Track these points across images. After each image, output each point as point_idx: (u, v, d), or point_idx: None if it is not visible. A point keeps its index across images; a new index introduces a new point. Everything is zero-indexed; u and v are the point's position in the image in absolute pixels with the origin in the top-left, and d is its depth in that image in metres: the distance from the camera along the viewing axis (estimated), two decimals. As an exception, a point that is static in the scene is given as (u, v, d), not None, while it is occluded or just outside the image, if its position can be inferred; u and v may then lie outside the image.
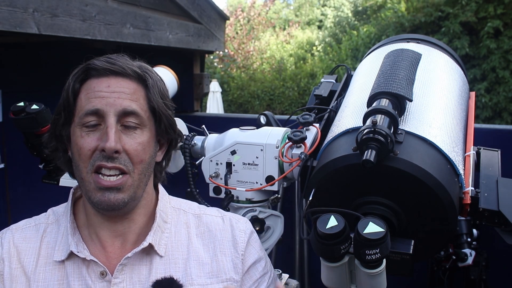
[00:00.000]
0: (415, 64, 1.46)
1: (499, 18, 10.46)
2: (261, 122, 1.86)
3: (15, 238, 1.09)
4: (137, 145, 1.03)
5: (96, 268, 1.05)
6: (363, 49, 12.52)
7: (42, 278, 1.05)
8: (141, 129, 1.05)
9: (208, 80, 4.13)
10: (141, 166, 1.05)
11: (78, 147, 1.02)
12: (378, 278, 1.11)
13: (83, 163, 1.02)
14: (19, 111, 1.57)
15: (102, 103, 1.01)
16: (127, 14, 2.90)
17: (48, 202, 1.17)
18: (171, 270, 1.08)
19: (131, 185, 1.03)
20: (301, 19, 20.46)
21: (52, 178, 1.75)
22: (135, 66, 1.07)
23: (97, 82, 1.04)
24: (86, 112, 1.02)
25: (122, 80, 1.05)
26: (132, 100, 1.04)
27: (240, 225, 1.19)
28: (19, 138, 1.65)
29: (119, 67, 1.04)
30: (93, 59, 1.06)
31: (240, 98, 13.60)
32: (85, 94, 1.04)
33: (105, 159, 1.00)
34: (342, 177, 1.30)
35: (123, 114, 1.02)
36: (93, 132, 1.02)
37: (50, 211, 1.15)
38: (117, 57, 1.07)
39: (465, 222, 2.20)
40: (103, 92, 1.02)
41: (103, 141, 1.00)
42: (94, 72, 1.04)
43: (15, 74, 3.33)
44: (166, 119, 1.10)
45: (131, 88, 1.05)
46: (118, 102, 1.02)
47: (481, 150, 1.65)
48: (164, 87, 1.12)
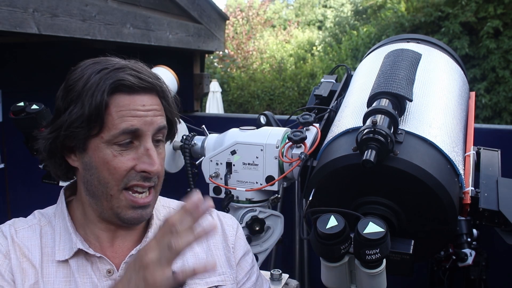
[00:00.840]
0: (415, 64, 1.46)
1: (499, 18, 10.46)
2: (261, 122, 1.86)
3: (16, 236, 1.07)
4: (162, 161, 1.06)
5: (101, 266, 1.05)
6: (363, 49, 12.52)
7: (47, 273, 1.04)
8: (163, 143, 1.08)
9: (208, 80, 4.13)
10: (162, 179, 1.08)
11: (110, 166, 1.00)
12: (378, 278, 1.11)
13: (115, 181, 1.01)
14: (19, 111, 1.57)
15: (140, 122, 1.00)
16: (127, 14, 2.90)
17: (48, 202, 1.17)
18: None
19: (154, 197, 1.07)
20: (301, 19, 20.46)
21: (52, 178, 1.75)
22: (155, 78, 1.06)
23: (131, 100, 1.00)
24: (124, 131, 0.99)
25: (151, 96, 1.04)
26: (162, 116, 1.05)
27: (228, 221, 1.22)
28: (19, 138, 1.65)
29: (149, 83, 1.03)
30: (122, 72, 1.00)
31: (240, 98, 13.60)
32: (118, 111, 0.99)
33: (142, 179, 1.01)
34: (342, 177, 1.30)
35: (157, 131, 1.03)
36: (126, 152, 1.00)
37: (39, 214, 1.13)
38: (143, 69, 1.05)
39: (465, 222, 2.20)
40: (140, 111, 1.00)
41: (143, 162, 1.00)
42: (126, 88, 1.00)
43: (15, 74, 3.33)
44: (176, 126, 1.13)
45: (158, 103, 1.05)
46: (154, 121, 1.02)
47: (481, 150, 1.65)
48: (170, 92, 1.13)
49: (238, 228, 1.23)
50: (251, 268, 1.21)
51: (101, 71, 1.00)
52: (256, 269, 1.24)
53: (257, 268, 1.25)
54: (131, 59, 1.10)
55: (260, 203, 1.66)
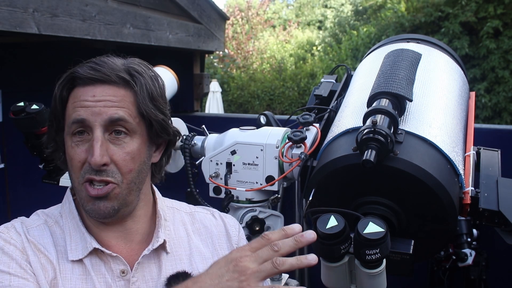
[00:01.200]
0: (415, 64, 1.46)
1: (499, 18, 10.46)
2: (261, 122, 1.86)
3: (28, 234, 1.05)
4: (125, 155, 1.02)
5: (114, 266, 1.04)
6: (363, 49, 12.52)
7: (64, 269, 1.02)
8: (130, 136, 1.03)
9: (208, 80, 4.13)
10: (130, 176, 1.04)
11: (69, 157, 1.03)
12: (378, 278, 1.11)
13: (75, 173, 1.02)
14: (19, 111, 1.57)
15: (87, 112, 1.00)
16: (127, 14, 2.90)
17: (48, 202, 1.16)
18: (178, 266, 1.08)
19: (119, 193, 1.02)
20: (301, 19, 20.46)
21: (52, 178, 1.75)
22: (121, 70, 1.03)
23: (83, 91, 1.01)
24: (72, 121, 1.01)
25: (108, 87, 1.02)
26: (119, 107, 1.01)
27: (230, 221, 1.23)
28: (19, 138, 1.65)
29: (103, 74, 1.01)
30: (78, 66, 1.04)
31: (240, 98, 13.59)
32: (72, 103, 1.02)
33: (94, 171, 1.00)
34: (342, 177, 1.30)
35: (109, 122, 1.00)
36: (82, 143, 1.01)
37: (43, 214, 1.12)
38: (103, 62, 1.03)
39: (465, 222, 2.20)
40: (88, 101, 1.00)
41: (90, 153, 0.99)
42: (80, 81, 1.02)
43: (15, 74, 3.33)
44: (157, 123, 1.07)
45: (118, 95, 1.02)
46: (103, 111, 1.00)
47: (481, 150, 1.65)
48: (156, 89, 1.08)
49: (240, 228, 1.23)
50: None
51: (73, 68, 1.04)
52: None
53: None
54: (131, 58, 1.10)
55: (260, 203, 1.66)
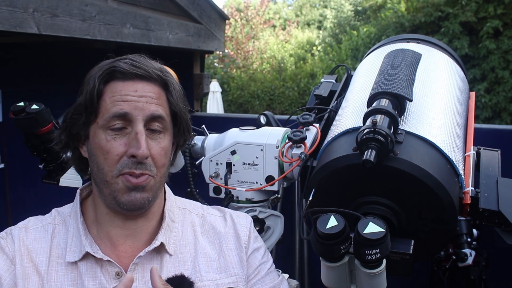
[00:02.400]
0: (415, 64, 1.46)
1: (499, 18, 10.46)
2: (261, 122, 1.86)
3: (25, 237, 1.08)
4: (160, 149, 1.05)
5: (110, 268, 1.05)
6: (363, 49, 12.53)
7: (55, 278, 1.04)
8: (164, 133, 1.07)
9: (208, 80, 4.13)
10: (163, 169, 1.07)
11: (104, 151, 1.02)
12: (378, 278, 1.11)
13: (109, 167, 1.02)
14: (19, 111, 1.57)
15: (130, 107, 1.01)
16: (127, 14, 2.90)
17: (48, 202, 1.17)
18: (181, 268, 1.09)
19: (154, 185, 1.05)
20: (301, 19, 20.46)
21: (52, 178, 1.75)
22: (158, 69, 1.07)
23: (123, 86, 1.03)
24: (113, 115, 1.01)
25: (147, 84, 1.05)
26: (158, 104, 1.05)
27: (241, 220, 1.22)
28: (19, 138, 1.65)
29: (145, 71, 1.04)
30: (117, 60, 1.06)
31: (240, 98, 13.60)
32: (111, 97, 1.03)
33: (134, 165, 1.01)
34: (342, 177, 1.30)
35: (150, 118, 1.03)
36: (119, 136, 1.02)
37: (55, 212, 1.15)
38: (141, 59, 1.07)
39: (465, 222, 2.20)
40: (131, 96, 1.02)
41: (132, 147, 1.00)
42: (120, 75, 1.03)
43: (15, 74, 3.32)
44: (185, 122, 1.12)
45: (156, 92, 1.05)
46: (146, 107, 1.02)
47: (481, 150, 1.65)
48: (181, 90, 1.13)
49: (251, 226, 1.23)
50: (261, 264, 1.19)
51: (104, 64, 1.05)
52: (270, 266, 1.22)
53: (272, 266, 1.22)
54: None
55: (260, 203, 1.66)
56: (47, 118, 1.58)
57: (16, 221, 1.14)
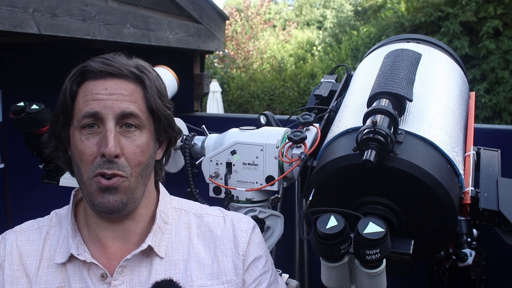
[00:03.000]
0: (415, 64, 1.46)
1: (499, 18, 10.46)
2: (261, 122, 1.86)
3: (19, 241, 1.09)
4: (135, 148, 1.03)
5: (96, 270, 1.05)
6: (363, 49, 12.53)
7: (44, 280, 1.05)
8: (140, 130, 1.05)
9: (208, 80, 4.13)
10: (139, 169, 1.04)
11: (79, 151, 1.02)
12: (378, 278, 1.11)
13: (85, 167, 1.02)
14: (19, 111, 1.57)
15: (100, 105, 1.01)
16: (127, 14, 2.90)
17: (48, 202, 1.17)
18: (171, 272, 1.07)
19: (128, 186, 1.03)
20: (301, 19, 20.46)
21: (52, 178, 1.75)
22: (132, 66, 1.06)
23: (94, 84, 1.03)
24: (84, 115, 1.01)
25: (119, 81, 1.04)
26: (130, 101, 1.03)
27: (242, 225, 1.18)
28: (19, 138, 1.65)
29: (116, 68, 1.03)
30: (89, 60, 1.05)
31: (240, 98, 13.60)
32: (83, 97, 1.03)
33: (106, 164, 1.00)
34: (342, 177, 1.30)
35: (121, 116, 1.02)
36: (92, 136, 1.01)
37: (53, 213, 1.15)
38: (114, 58, 1.05)
39: (465, 222, 2.20)
40: (101, 94, 1.01)
41: (103, 145, 0.99)
42: (91, 74, 1.03)
43: (15, 74, 3.33)
44: (165, 118, 1.10)
45: (129, 89, 1.04)
46: (116, 105, 1.01)
47: (481, 150, 1.65)
48: (162, 86, 1.11)
49: (253, 231, 1.18)
50: (262, 274, 1.16)
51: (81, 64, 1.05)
52: (270, 275, 1.19)
53: (272, 276, 1.19)
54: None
55: (260, 203, 1.66)
56: (47, 118, 1.58)
57: (16, 221, 1.15)
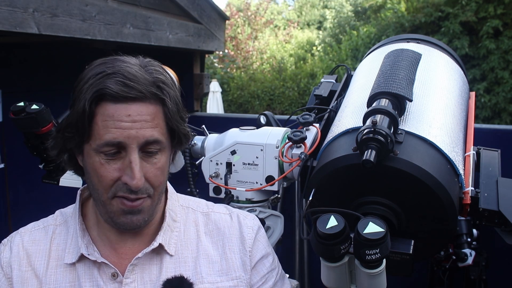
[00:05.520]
0: (415, 64, 1.46)
1: (499, 18, 10.46)
2: (261, 122, 1.86)
3: (25, 241, 1.09)
4: (156, 170, 1.01)
5: (107, 270, 1.05)
6: (363, 49, 12.53)
7: (54, 280, 1.05)
8: (161, 153, 1.02)
9: (208, 80, 4.13)
10: (160, 187, 1.05)
11: (97, 174, 0.99)
12: (378, 278, 1.11)
13: (104, 189, 0.99)
14: (19, 111, 1.57)
15: (124, 135, 0.95)
16: (127, 14, 2.90)
17: (48, 202, 1.17)
18: (181, 269, 1.08)
19: (150, 205, 1.03)
20: (301, 19, 20.47)
21: (52, 178, 1.75)
22: (151, 84, 0.98)
23: (115, 109, 0.95)
24: (106, 143, 0.96)
25: (141, 105, 0.97)
26: (153, 127, 0.98)
27: (248, 222, 1.18)
28: (19, 138, 1.65)
29: (138, 91, 0.95)
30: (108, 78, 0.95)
31: (240, 98, 13.60)
32: (102, 121, 0.96)
33: (128, 191, 0.98)
34: (342, 177, 1.30)
35: (145, 144, 0.98)
36: (113, 161, 0.98)
37: (58, 213, 1.15)
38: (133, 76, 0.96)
39: (465, 222, 2.20)
40: (124, 122, 0.95)
41: (126, 174, 0.97)
42: (110, 97, 0.95)
43: (15, 74, 3.32)
44: (184, 136, 1.08)
45: (151, 113, 0.98)
46: (140, 134, 0.96)
47: (481, 150, 1.65)
48: (178, 95, 1.06)
49: (259, 229, 1.19)
50: (269, 272, 1.16)
51: (96, 76, 0.96)
52: (278, 274, 1.19)
53: (278, 273, 1.20)
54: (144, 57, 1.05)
55: (260, 203, 1.66)
56: (47, 118, 1.58)
57: (16, 221, 1.15)
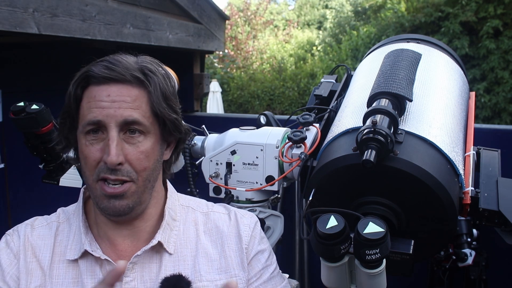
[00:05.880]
0: (415, 64, 1.46)
1: (499, 18, 10.46)
2: (261, 122, 1.86)
3: (30, 234, 1.10)
4: (139, 154, 1.03)
5: (109, 267, 1.05)
6: (363, 49, 12.53)
7: (56, 274, 1.06)
8: (144, 136, 1.04)
9: (208, 80, 4.13)
10: (145, 173, 1.05)
11: (83, 156, 1.03)
12: (378, 278, 1.11)
13: (89, 171, 1.03)
14: (19, 111, 1.57)
15: (102, 114, 1.00)
16: (127, 14, 2.90)
17: (48, 202, 1.17)
18: (180, 267, 1.09)
19: (135, 191, 1.04)
20: (301, 19, 20.47)
21: (52, 178, 1.75)
22: (136, 69, 1.03)
23: (97, 90, 1.01)
24: (87, 122, 1.01)
25: (122, 87, 1.01)
26: (133, 108, 1.01)
27: (245, 220, 1.19)
28: (19, 138, 1.65)
29: (118, 73, 1.01)
30: (93, 64, 1.04)
31: (240, 98, 13.60)
32: (87, 103, 1.02)
33: (109, 171, 1.00)
34: (342, 177, 1.30)
35: (124, 123, 1.01)
36: (96, 142, 1.01)
37: (60, 210, 1.16)
38: (117, 61, 1.02)
39: (465, 222, 2.20)
40: (103, 102, 1.00)
41: (106, 153, 0.99)
42: (94, 80, 1.02)
43: (15, 74, 3.32)
44: (171, 122, 1.08)
45: (132, 95, 1.02)
46: (118, 113, 1.00)
47: (481, 150, 1.65)
48: (168, 87, 1.08)
49: (256, 226, 1.20)
50: (264, 268, 1.16)
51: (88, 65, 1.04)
52: (273, 269, 1.19)
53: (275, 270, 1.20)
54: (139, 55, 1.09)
55: (260, 203, 1.66)
56: (47, 118, 1.58)
57: (16, 221, 1.15)
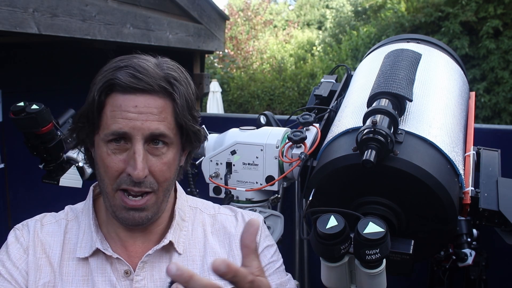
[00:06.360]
0: (415, 64, 1.46)
1: (499, 18, 10.47)
2: (261, 122, 1.86)
3: (40, 230, 1.10)
4: (162, 165, 1.02)
5: (119, 267, 1.06)
6: (363, 49, 12.53)
7: (66, 272, 1.05)
8: (167, 147, 1.03)
9: (208, 80, 4.13)
10: (166, 184, 1.05)
11: (104, 164, 1.01)
12: (378, 278, 1.11)
13: (109, 180, 1.01)
14: (19, 111, 1.57)
15: (129, 125, 0.97)
16: (127, 14, 2.90)
17: (48, 202, 1.17)
18: (189, 267, 1.08)
19: (155, 202, 1.04)
20: (301, 19, 20.47)
21: (52, 178, 1.75)
22: (161, 78, 1.00)
23: (123, 100, 0.98)
24: (112, 132, 0.99)
25: (149, 97, 0.99)
26: (159, 121, 1.00)
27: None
28: (19, 138, 1.65)
29: (146, 83, 0.97)
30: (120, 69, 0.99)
31: (240, 98, 13.61)
32: (111, 111, 0.99)
33: (132, 183, 0.99)
34: (342, 177, 1.30)
35: (150, 136, 1.00)
36: (119, 152, 1.00)
37: (68, 208, 1.16)
38: (143, 69, 0.98)
39: (465, 222, 2.20)
40: (130, 112, 0.97)
41: (130, 165, 0.98)
42: (119, 88, 0.98)
43: (15, 74, 3.32)
44: (193, 134, 1.08)
45: (158, 106, 0.99)
46: (145, 126, 0.98)
47: (481, 150, 1.65)
48: (191, 94, 1.06)
49: (262, 225, 1.21)
50: (270, 263, 1.18)
51: (110, 69, 1.00)
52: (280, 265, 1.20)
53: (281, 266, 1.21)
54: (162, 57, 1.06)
55: (260, 203, 1.66)
56: (47, 118, 1.58)
57: (16, 221, 1.15)
